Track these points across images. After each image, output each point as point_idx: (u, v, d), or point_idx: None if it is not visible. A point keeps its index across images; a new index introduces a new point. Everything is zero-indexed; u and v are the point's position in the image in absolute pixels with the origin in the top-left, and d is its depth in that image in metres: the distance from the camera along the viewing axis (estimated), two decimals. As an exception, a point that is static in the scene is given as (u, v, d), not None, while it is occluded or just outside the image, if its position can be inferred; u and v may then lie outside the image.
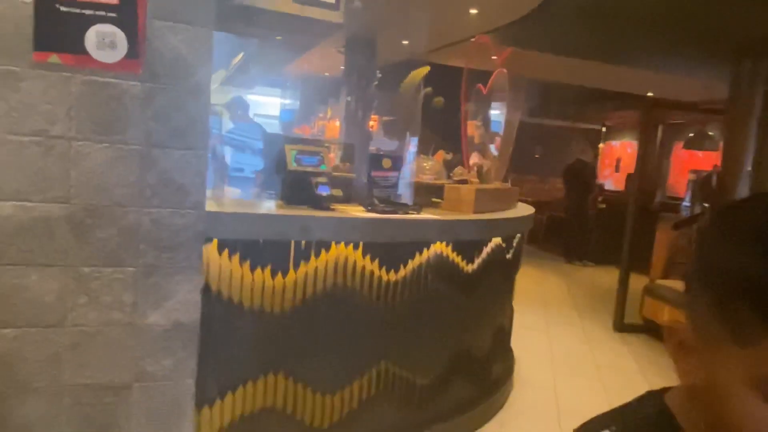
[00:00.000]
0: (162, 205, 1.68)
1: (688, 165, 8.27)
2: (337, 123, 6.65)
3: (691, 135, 7.29)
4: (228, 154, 3.16)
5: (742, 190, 4.25)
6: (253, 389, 1.96)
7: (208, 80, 1.71)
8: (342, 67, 6.07)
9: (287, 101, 11.20)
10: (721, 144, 7.28)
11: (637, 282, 4.67)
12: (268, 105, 10.60)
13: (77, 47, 1.54)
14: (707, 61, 5.63)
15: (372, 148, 5.09)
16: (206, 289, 1.81)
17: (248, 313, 1.90)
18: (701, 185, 6.76)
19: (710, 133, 7.11)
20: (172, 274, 1.72)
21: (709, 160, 7.48)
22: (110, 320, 1.67)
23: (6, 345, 1.57)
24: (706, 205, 6.13)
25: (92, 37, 1.55)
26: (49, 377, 1.62)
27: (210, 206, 1.80)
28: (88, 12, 1.53)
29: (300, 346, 2.03)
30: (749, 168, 4.23)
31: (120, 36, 1.57)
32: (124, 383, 1.71)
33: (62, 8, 1.51)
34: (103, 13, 1.55)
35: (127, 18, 1.57)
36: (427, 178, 3.01)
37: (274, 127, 7.73)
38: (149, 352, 1.72)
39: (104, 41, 1.56)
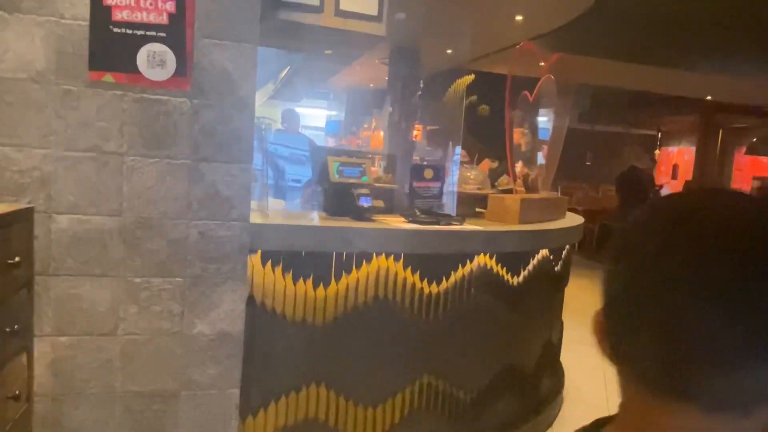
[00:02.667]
0: (209, 217, 1.72)
1: (751, 171, 7.82)
2: (381, 133, 6.69)
3: (755, 140, 6.88)
4: (273, 166, 3.22)
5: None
6: (296, 400, 1.96)
7: (252, 95, 1.75)
8: (386, 78, 6.11)
9: (333, 113, 11.38)
10: (789, 149, 6.84)
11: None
12: (314, 117, 10.81)
13: (129, 66, 1.60)
14: (771, 61, 5.33)
15: (416, 157, 5.08)
16: (250, 300, 1.84)
17: (290, 324, 1.92)
18: None
19: (776, 137, 6.70)
20: (218, 285, 1.76)
21: (774, 166, 7.04)
22: (159, 329, 1.72)
23: (62, 352, 1.64)
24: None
25: (143, 56, 1.61)
26: (101, 384, 1.68)
27: (254, 218, 1.83)
28: (139, 32, 1.60)
29: (341, 358, 2.02)
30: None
31: (169, 54, 1.63)
32: (171, 391, 1.75)
33: (115, 29, 1.58)
34: (153, 33, 1.61)
35: (176, 37, 1.63)
36: (470, 188, 2.96)
37: (319, 139, 7.87)
38: (196, 361, 1.76)
39: (155, 60, 1.62)
